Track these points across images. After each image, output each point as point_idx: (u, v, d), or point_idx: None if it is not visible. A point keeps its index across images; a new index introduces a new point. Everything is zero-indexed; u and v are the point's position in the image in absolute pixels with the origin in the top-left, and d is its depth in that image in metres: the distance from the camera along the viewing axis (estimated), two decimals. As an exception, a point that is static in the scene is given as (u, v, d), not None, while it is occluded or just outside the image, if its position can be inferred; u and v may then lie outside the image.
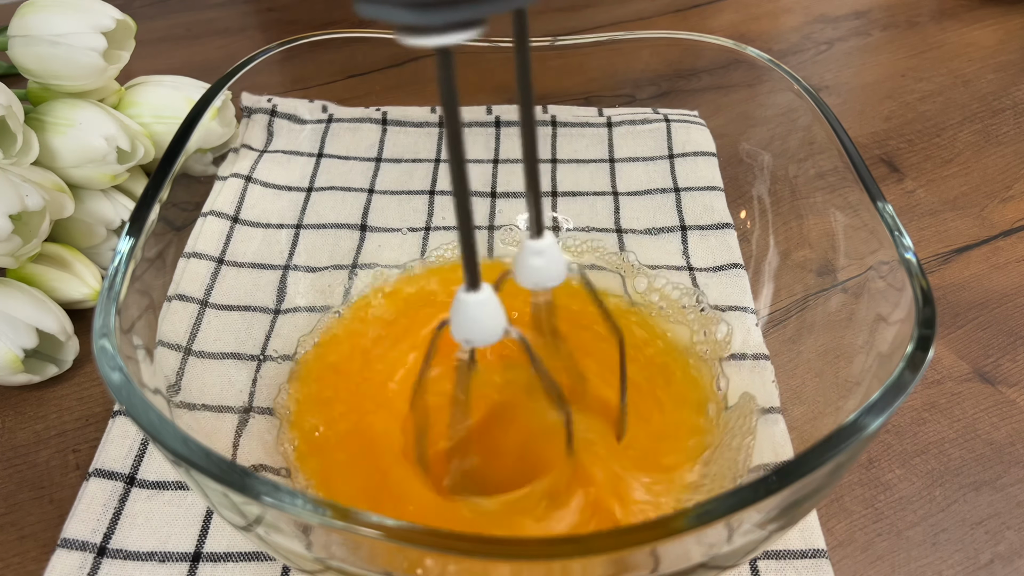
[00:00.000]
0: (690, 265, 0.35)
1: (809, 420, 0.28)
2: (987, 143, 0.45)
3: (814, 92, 0.30)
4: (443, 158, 0.39)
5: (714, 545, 0.19)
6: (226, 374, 0.29)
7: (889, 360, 0.22)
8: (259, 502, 0.17)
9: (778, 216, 0.34)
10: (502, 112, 0.40)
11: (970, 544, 0.27)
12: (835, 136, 0.28)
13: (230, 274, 0.33)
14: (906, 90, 0.49)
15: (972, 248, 0.38)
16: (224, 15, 0.58)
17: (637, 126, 0.40)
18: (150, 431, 0.19)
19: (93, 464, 0.28)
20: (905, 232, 0.23)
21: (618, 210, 0.38)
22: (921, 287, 0.22)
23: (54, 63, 0.33)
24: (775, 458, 0.27)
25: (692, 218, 0.37)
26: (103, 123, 0.33)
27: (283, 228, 0.35)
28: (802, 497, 0.19)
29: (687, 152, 0.39)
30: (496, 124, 0.40)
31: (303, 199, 0.37)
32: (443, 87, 0.17)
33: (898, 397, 0.19)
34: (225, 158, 0.36)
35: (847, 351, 0.27)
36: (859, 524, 0.28)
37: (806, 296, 0.31)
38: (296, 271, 0.34)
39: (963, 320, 0.35)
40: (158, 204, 0.25)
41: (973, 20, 0.56)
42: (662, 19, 0.57)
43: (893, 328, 0.23)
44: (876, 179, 0.34)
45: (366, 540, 0.17)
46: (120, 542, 0.26)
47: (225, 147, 0.37)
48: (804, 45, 0.54)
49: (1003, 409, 0.31)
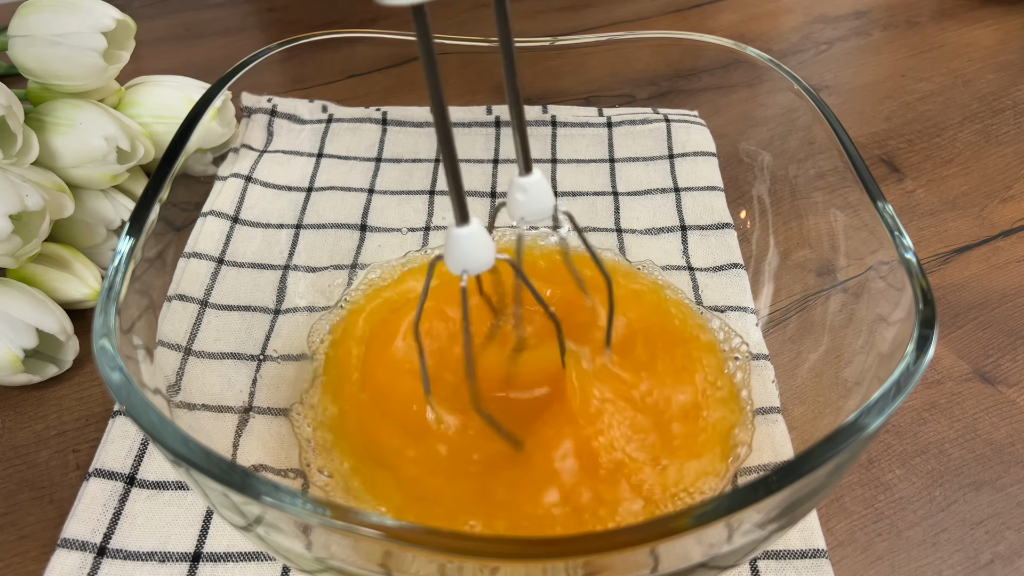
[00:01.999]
0: (690, 265, 0.35)
1: (809, 420, 0.28)
2: (987, 143, 0.45)
3: (814, 92, 0.30)
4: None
5: (714, 545, 0.19)
6: (226, 374, 0.29)
7: (889, 360, 0.22)
8: (259, 502, 0.17)
9: (778, 216, 0.34)
10: (502, 112, 0.40)
11: (970, 544, 0.27)
12: (835, 136, 0.28)
13: (230, 274, 0.33)
14: (906, 90, 0.49)
15: (972, 248, 0.38)
16: (224, 15, 0.59)
17: (637, 126, 0.40)
18: (150, 431, 0.19)
19: (93, 464, 0.28)
20: (905, 232, 0.23)
21: (618, 210, 0.38)
22: (921, 287, 0.22)
23: (54, 63, 0.33)
24: (775, 458, 0.27)
25: (692, 218, 0.37)
26: (103, 123, 0.33)
27: (283, 228, 0.35)
28: (802, 497, 0.19)
29: (687, 152, 0.39)
30: (496, 124, 0.40)
31: (303, 199, 0.37)
32: (422, 46, 0.18)
33: (898, 397, 0.19)
34: (225, 158, 0.36)
35: (847, 351, 0.27)
36: (859, 524, 0.28)
37: (806, 296, 0.31)
38: (296, 271, 0.34)
39: (963, 320, 0.35)
40: (158, 204, 0.25)
41: (973, 20, 0.56)
42: (662, 19, 0.57)
43: (893, 328, 0.23)
44: (876, 179, 0.34)
45: (366, 539, 0.17)
46: (120, 542, 0.26)
47: (225, 147, 0.37)
48: (804, 45, 0.54)
49: (1003, 409, 0.31)
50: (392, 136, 0.40)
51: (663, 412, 0.27)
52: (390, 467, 0.26)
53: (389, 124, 0.40)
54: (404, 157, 0.39)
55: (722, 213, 0.37)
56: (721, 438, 0.28)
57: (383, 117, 0.40)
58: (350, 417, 0.28)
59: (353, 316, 0.32)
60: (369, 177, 0.38)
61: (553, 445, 0.25)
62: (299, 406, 0.29)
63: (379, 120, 0.40)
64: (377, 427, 0.27)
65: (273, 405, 0.29)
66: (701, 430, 0.27)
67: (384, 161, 0.39)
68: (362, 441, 0.27)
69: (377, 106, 0.41)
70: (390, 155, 0.39)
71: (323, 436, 0.28)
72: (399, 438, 0.27)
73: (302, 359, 0.31)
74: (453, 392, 0.27)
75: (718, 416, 0.28)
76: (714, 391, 0.29)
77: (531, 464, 0.25)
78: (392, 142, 0.40)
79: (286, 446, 0.28)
